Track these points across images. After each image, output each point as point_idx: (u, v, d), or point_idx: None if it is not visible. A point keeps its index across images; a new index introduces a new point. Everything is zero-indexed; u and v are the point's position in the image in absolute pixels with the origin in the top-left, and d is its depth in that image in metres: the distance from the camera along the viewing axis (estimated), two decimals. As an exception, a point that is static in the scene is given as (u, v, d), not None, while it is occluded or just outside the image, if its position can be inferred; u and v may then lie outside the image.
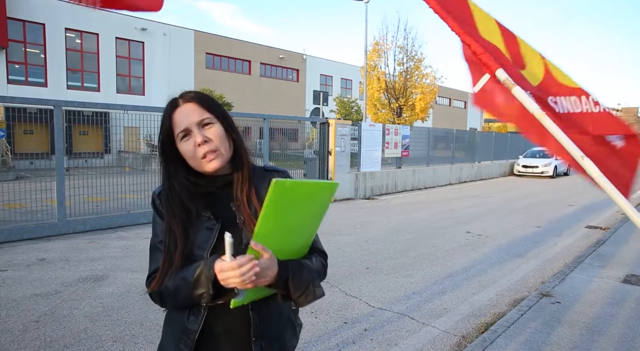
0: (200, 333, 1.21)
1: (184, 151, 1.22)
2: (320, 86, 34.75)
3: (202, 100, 1.24)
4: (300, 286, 1.18)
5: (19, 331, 3.51)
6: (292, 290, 1.17)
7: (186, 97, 1.24)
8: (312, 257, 1.31)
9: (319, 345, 3.43)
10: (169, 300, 1.23)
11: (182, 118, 1.21)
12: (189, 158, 1.22)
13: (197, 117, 1.21)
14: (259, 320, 1.22)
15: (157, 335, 3.44)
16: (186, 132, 1.21)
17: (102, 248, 6.12)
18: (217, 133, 1.22)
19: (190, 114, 1.21)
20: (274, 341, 1.26)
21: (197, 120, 1.21)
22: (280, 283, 1.14)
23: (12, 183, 7.36)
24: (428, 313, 4.11)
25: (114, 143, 10.83)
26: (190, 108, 1.22)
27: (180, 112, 1.22)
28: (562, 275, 5.12)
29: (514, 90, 1.42)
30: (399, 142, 14.16)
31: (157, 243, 1.27)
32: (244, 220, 1.24)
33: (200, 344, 1.22)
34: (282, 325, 1.30)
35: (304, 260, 1.25)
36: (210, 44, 28.52)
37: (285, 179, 1.00)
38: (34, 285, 4.57)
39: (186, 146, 1.21)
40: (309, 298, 1.20)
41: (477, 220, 8.91)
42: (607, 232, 7.77)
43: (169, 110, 1.24)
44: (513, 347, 3.36)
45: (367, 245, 6.68)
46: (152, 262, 1.28)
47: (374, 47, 24.41)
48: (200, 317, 1.21)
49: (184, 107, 1.23)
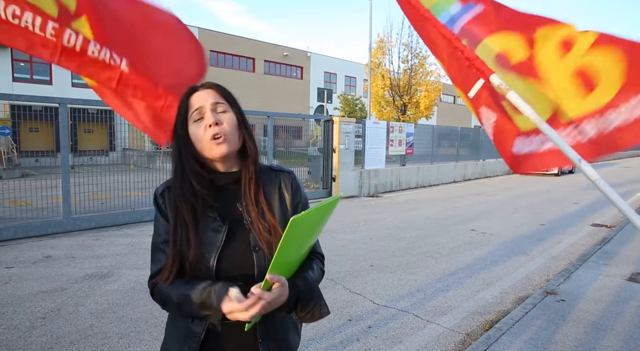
0: (205, 336, 1.20)
1: (193, 133, 1.21)
2: (325, 83, 34.73)
3: (221, 89, 1.27)
4: (307, 307, 1.19)
5: (25, 328, 3.54)
6: (299, 310, 1.18)
7: (206, 85, 1.26)
8: (313, 263, 1.31)
9: (323, 342, 3.43)
10: (171, 309, 1.23)
11: (199, 99, 1.22)
12: (197, 141, 1.21)
13: (213, 99, 1.22)
14: (264, 322, 1.22)
15: (162, 331, 3.44)
16: (200, 113, 1.21)
17: (107, 246, 6.15)
18: (229, 120, 1.23)
19: (207, 97, 1.23)
20: (281, 342, 1.26)
21: (212, 102, 1.22)
22: (290, 305, 1.15)
23: (18, 180, 7.41)
24: (432, 311, 4.10)
25: (119, 140, 10.86)
26: (208, 92, 1.24)
27: (198, 94, 1.24)
28: (567, 273, 5.11)
29: (509, 95, 1.41)
30: (404, 140, 14.13)
31: (159, 243, 1.25)
32: (251, 221, 1.23)
33: (204, 346, 1.21)
34: (286, 326, 1.30)
35: (310, 276, 1.25)
36: (214, 41, 28.51)
37: (301, 214, 1.00)
38: (40, 282, 4.60)
39: (197, 128, 1.21)
40: (314, 317, 1.21)
41: (482, 218, 8.89)
42: (612, 230, 7.73)
43: (187, 94, 1.25)
44: (518, 345, 3.35)
45: (372, 242, 6.68)
46: (154, 262, 1.26)
47: (379, 44, 24.33)
48: (205, 320, 1.19)
49: (203, 91, 1.24)
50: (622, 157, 40.66)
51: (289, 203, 1.31)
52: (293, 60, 33.75)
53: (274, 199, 1.29)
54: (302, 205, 1.33)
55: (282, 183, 1.32)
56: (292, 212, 1.30)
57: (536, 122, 1.38)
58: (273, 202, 1.28)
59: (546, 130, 1.38)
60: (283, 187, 1.32)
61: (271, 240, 1.20)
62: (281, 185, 1.32)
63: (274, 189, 1.31)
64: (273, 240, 1.20)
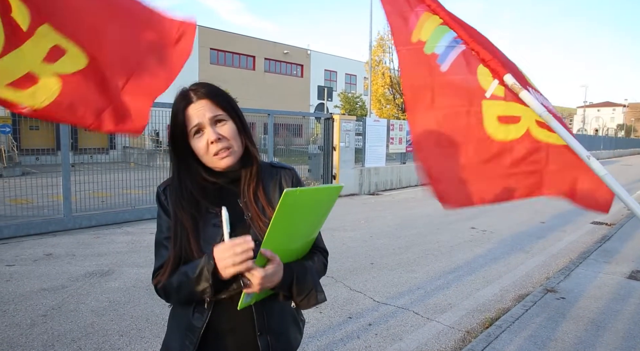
0: (205, 330, 1.22)
1: (196, 148, 1.23)
2: (325, 81, 34.71)
3: (216, 97, 1.24)
4: (303, 291, 1.20)
5: (27, 326, 3.55)
6: (294, 294, 1.19)
7: (199, 93, 1.23)
8: (314, 256, 1.32)
9: (323, 339, 3.44)
10: (172, 296, 1.24)
11: (196, 114, 1.21)
12: (201, 155, 1.23)
13: (211, 114, 1.21)
14: (261, 315, 1.23)
15: (162, 329, 3.45)
16: (199, 127, 1.21)
17: (107, 244, 6.16)
18: (230, 131, 1.23)
19: (204, 111, 1.21)
20: (280, 336, 1.28)
21: (210, 117, 1.21)
22: (284, 286, 1.16)
23: (19, 179, 7.42)
24: (432, 308, 4.11)
25: (119, 138, 10.88)
26: (204, 105, 1.22)
27: (194, 108, 1.22)
28: (567, 271, 5.11)
29: (522, 95, 1.44)
30: (404, 138, 14.12)
31: (162, 239, 1.28)
32: (251, 217, 1.24)
33: (205, 341, 1.23)
34: (286, 320, 1.31)
35: (307, 263, 1.26)
36: (214, 39, 28.52)
37: (295, 188, 1.01)
38: (41, 279, 4.62)
39: (199, 143, 1.22)
40: (310, 302, 1.22)
41: (482, 216, 8.89)
42: (612, 228, 7.74)
43: (183, 105, 1.23)
44: (517, 342, 3.36)
45: (372, 240, 6.69)
46: (157, 257, 1.28)
47: (379, 42, 24.34)
48: (205, 314, 1.22)
49: (198, 104, 1.22)
50: (623, 155, 40.67)
51: None
52: (293, 58, 33.73)
53: (275, 196, 1.30)
54: None
55: (283, 180, 1.34)
56: None
57: (547, 121, 1.40)
58: (273, 199, 1.29)
59: (557, 128, 1.40)
60: (284, 184, 1.33)
61: None
62: (282, 182, 1.33)
63: (275, 186, 1.32)
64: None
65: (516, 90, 1.45)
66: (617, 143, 43.64)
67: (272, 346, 1.25)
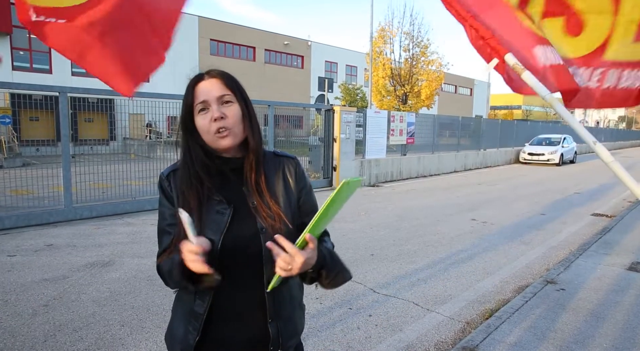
0: (209, 316, 1.22)
1: (199, 125, 1.23)
2: (325, 73, 34.55)
3: (227, 78, 1.26)
4: (333, 271, 1.22)
5: (28, 315, 3.57)
6: (324, 275, 1.21)
7: (212, 73, 1.25)
8: (324, 236, 1.33)
9: (324, 330, 3.46)
10: (167, 279, 1.25)
11: (204, 91, 1.22)
12: (203, 133, 1.23)
13: (218, 92, 1.22)
14: (273, 302, 1.24)
15: (163, 319, 3.48)
16: (205, 105, 1.22)
17: (108, 234, 6.17)
18: (234, 113, 1.23)
19: (212, 89, 1.22)
20: (288, 322, 1.29)
21: (217, 95, 1.22)
22: (316, 268, 1.17)
23: (19, 169, 7.41)
24: (432, 300, 4.13)
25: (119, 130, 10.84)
26: (214, 83, 1.23)
27: (203, 85, 1.23)
28: (567, 262, 5.12)
29: (524, 75, 1.41)
30: (404, 129, 14.09)
31: (165, 226, 1.28)
32: (255, 205, 1.24)
33: (209, 326, 1.23)
34: (293, 307, 1.32)
35: (328, 244, 1.29)
36: (214, 30, 28.33)
37: (350, 178, 1.04)
38: (42, 270, 4.63)
39: (202, 120, 1.22)
40: (338, 281, 1.25)
41: (482, 208, 8.90)
42: (612, 219, 7.74)
43: (193, 82, 1.25)
44: (517, 333, 3.38)
45: (372, 231, 6.70)
46: (161, 244, 1.29)
47: (380, 33, 24.14)
48: (207, 301, 1.22)
49: (208, 81, 1.24)
50: (623, 147, 40.59)
51: (294, 189, 1.32)
52: (294, 49, 33.54)
53: (278, 185, 1.30)
54: (306, 192, 1.35)
55: (286, 169, 1.34)
56: (297, 197, 1.32)
57: (552, 103, 1.38)
58: (277, 188, 1.29)
59: (561, 111, 1.38)
60: (287, 173, 1.33)
61: (275, 225, 1.22)
62: (285, 171, 1.33)
63: (278, 175, 1.32)
64: (277, 225, 1.22)
65: (518, 70, 1.42)
66: (618, 135, 43.53)
67: (282, 332, 1.26)
